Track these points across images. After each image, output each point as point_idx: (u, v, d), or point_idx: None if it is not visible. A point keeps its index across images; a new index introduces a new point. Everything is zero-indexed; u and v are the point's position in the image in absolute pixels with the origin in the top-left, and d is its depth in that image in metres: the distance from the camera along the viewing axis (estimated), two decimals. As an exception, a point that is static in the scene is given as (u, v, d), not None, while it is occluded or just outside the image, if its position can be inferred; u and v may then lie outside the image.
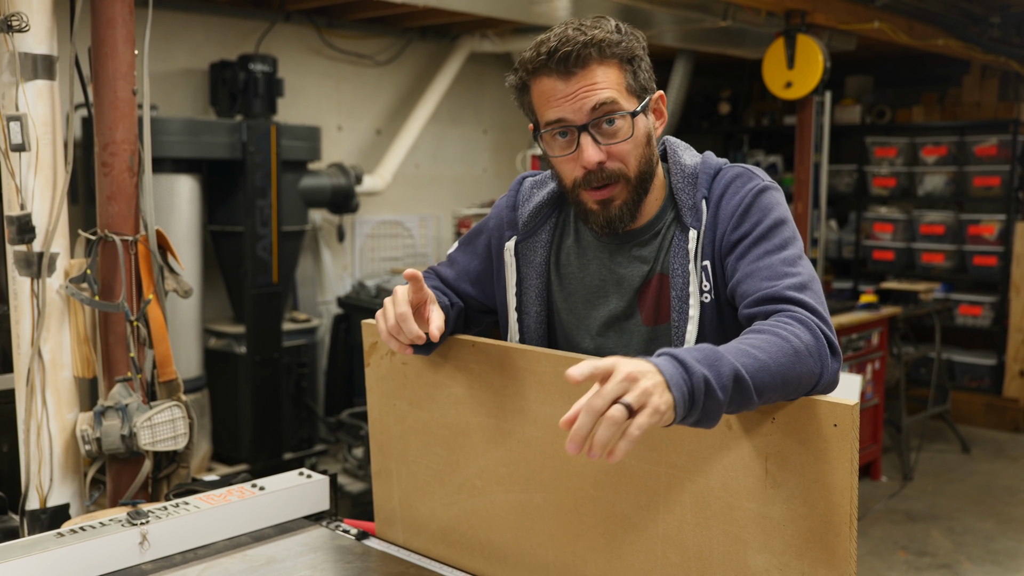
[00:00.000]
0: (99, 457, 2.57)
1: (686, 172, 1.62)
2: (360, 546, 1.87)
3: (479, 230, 1.84)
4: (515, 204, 1.76)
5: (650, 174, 1.60)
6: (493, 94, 6.82)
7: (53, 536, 1.70)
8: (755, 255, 1.50)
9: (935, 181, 7.10)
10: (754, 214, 1.53)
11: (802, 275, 1.46)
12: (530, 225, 1.73)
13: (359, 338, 5.45)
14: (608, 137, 1.54)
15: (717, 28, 5.26)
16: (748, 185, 1.56)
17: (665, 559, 1.44)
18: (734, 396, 1.23)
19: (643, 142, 1.57)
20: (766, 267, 1.48)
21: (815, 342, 1.35)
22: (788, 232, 1.53)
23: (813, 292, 1.44)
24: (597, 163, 1.53)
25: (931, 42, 5.85)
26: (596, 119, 1.52)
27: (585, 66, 1.51)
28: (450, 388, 1.72)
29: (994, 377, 6.83)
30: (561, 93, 1.52)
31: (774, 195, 1.56)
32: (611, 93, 1.52)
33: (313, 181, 5.13)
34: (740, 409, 1.26)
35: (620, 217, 1.58)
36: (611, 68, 1.53)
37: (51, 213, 2.47)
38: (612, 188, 1.56)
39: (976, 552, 4.51)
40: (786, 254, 1.49)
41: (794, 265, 1.48)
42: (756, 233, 1.52)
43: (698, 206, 1.58)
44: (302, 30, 5.61)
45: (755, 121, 8.16)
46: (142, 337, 2.58)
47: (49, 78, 2.45)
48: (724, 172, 1.61)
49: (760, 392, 1.25)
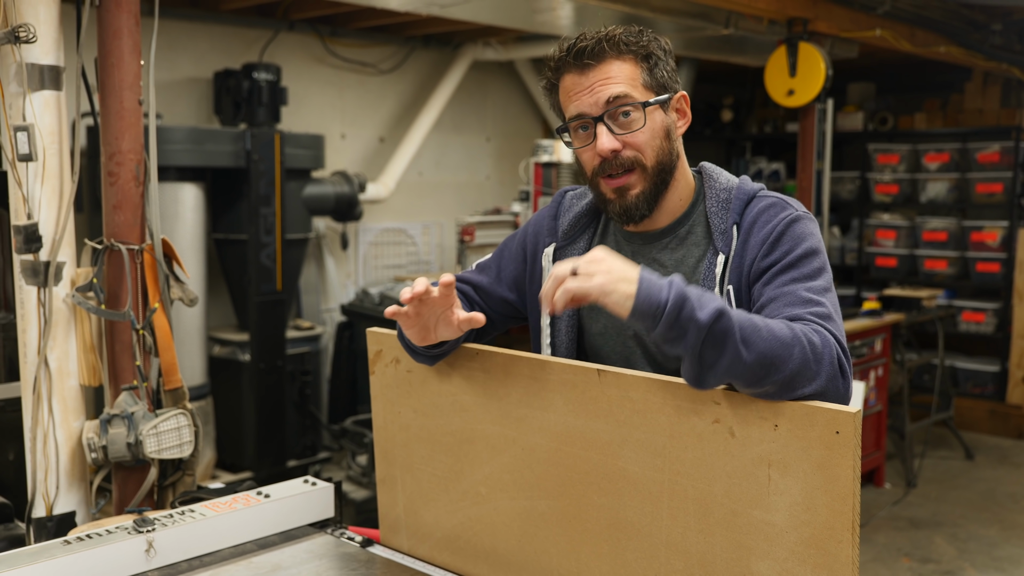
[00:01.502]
0: (105, 465, 2.58)
1: (721, 197, 1.65)
2: (365, 553, 1.87)
3: (515, 237, 1.88)
4: (557, 213, 1.81)
5: (669, 167, 1.64)
6: (496, 102, 6.84)
7: (60, 544, 1.71)
8: (781, 281, 1.52)
9: (937, 188, 7.10)
10: (785, 243, 1.55)
11: (826, 306, 1.48)
12: (570, 233, 1.77)
13: (363, 345, 5.48)
14: (623, 128, 1.60)
15: (719, 36, 5.27)
16: (782, 214, 1.59)
17: (668, 566, 1.45)
18: (715, 328, 1.30)
19: (660, 135, 1.62)
20: (790, 293, 1.50)
21: (823, 347, 1.37)
22: (818, 263, 1.55)
23: (835, 324, 1.46)
24: (611, 151, 1.60)
25: (933, 49, 5.86)
26: (610, 110, 1.59)
27: (601, 60, 1.59)
28: (455, 396, 1.73)
29: (997, 384, 6.83)
30: (579, 87, 1.61)
31: (808, 225, 1.59)
32: (625, 87, 1.59)
33: (317, 189, 5.15)
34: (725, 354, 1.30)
35: (636, 206, 1.63)
36: (626, 63, 1.60)
37: (58, 222, 2.48)
38: (628, 176, 1.62)
39: (980, 559, 4.50)
40: (813, 284, 1.51)
41: (819, 295, 1.50)
42: (785, 261, 1.54)
43: (729, 231, 1.61)
44: (306, 39, 5.64)
45: (757, 128, 8.18)
46: (148, 345, 2.60)
47: (56, 88, 2.46)
48: (758, 200, 1.63)
49: (747, 343, 1.31)
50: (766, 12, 4.89)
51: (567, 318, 1.74)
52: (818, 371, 1.35)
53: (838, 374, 1.38)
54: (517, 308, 1.84)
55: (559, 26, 5.07)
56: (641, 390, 1.44)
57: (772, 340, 1.33)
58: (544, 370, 1.58)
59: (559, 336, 1.74)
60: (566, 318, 1.74)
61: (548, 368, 1.57)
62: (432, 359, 1.72)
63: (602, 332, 1.72)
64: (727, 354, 1.31)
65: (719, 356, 1.31)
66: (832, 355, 1.38)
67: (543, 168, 5.53)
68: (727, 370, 1.32)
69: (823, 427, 1.27)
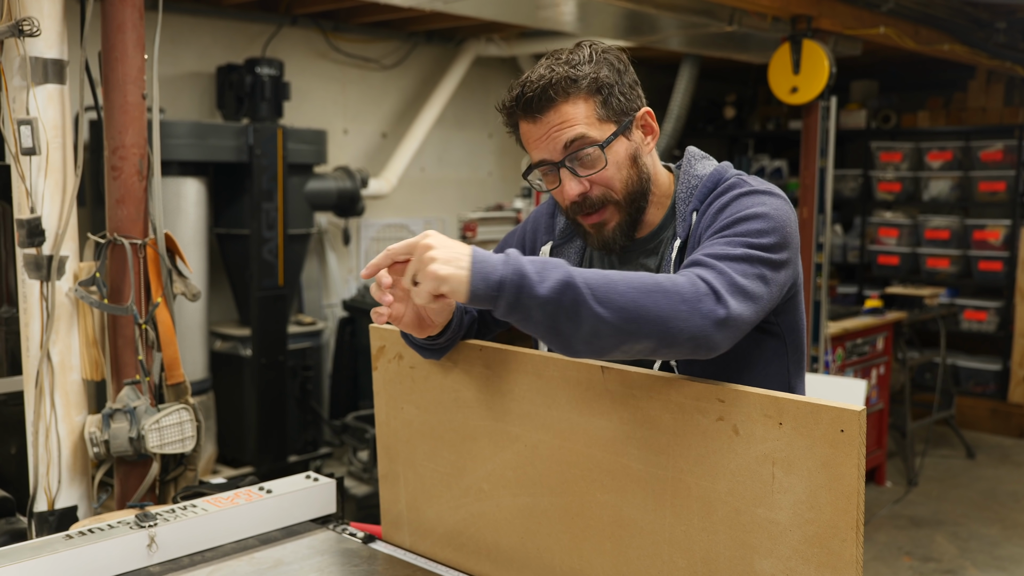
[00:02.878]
0: (107, 459, 2.58)
1: (690, 184, 1.63)
2: (367, 549, 1.87)
3: (513, 235, 1.87)
4: (554, 211, 1.80)
5: (641, 192, 1.62)
6: (498, 98, 6.80)
7: (62, 538, 1.71)
8: (708, 244, 1.47)
9: (940, 186, 7.10)
10: (728, 212, 1.51)
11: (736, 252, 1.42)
12: (567, 232, 1.76)
13: (364, 341, 5.48)
14: (587, 167, 1.58)
15: (723, 33, 5.26)
16: (735, 190, 1.55)
17: (671, 563, 1.45)
18: (562, 300, 1.27)
19: (626, 165, 1.60)
20: (707, 246, 1.46)
21: (690, 287, 1.33)
22: (759, 224, 1.46)
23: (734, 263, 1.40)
24: (579, 194, 1.58)
25: (937, 47, 5.85)
26: (571, 155, 1.57)
27: (549, 107, 1.56)
28: (457, 392, 1.73)
29: (999, 382, 6.82)
30: (535, 135, 1.59)
31: (760, 198, 1.51)
32: (580, 129, 1.55)
33: (319, 184, 5.15)
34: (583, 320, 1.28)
35: (614, 238, 1.62)
36: (578, 102, 1.56)
37: (61, 216, 2.48)
38: (602, 213, 1.61)
39: (981, 558, 4.50)
40: (739, 239, 1.44)
41: (737, 247, 1.43)
42: (719, 225, 1.50)
43: (688, 217, 1.60)
44: (308, 34, 5.63)
45: (760, 126, 8.17)
46: (150, 340, 2.60)
47: (59, 82, 2.46)
48: (725, 184, 1.59)
49: (603, 302, 1.28)
50: (770, 9, 4.87)
51: None
52: (692, 310, 1.31)
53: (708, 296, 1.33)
54: None
55: (562, 22, 5.06)
56: (645, 387, 1.44)
57: (631, 292, 1.30)
58: (547, 366, 1.57)
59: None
60: None
61: (551, 364, 1.57)
62: (438, 351, 1.71)
63: None
64: (584, 320, 1.28)
65: (577, 324, 1.28)
66: (696, 284, 1.33)
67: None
68: (593, 334, 1.29)
69: (828, 425, 1.27)
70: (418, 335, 1.63)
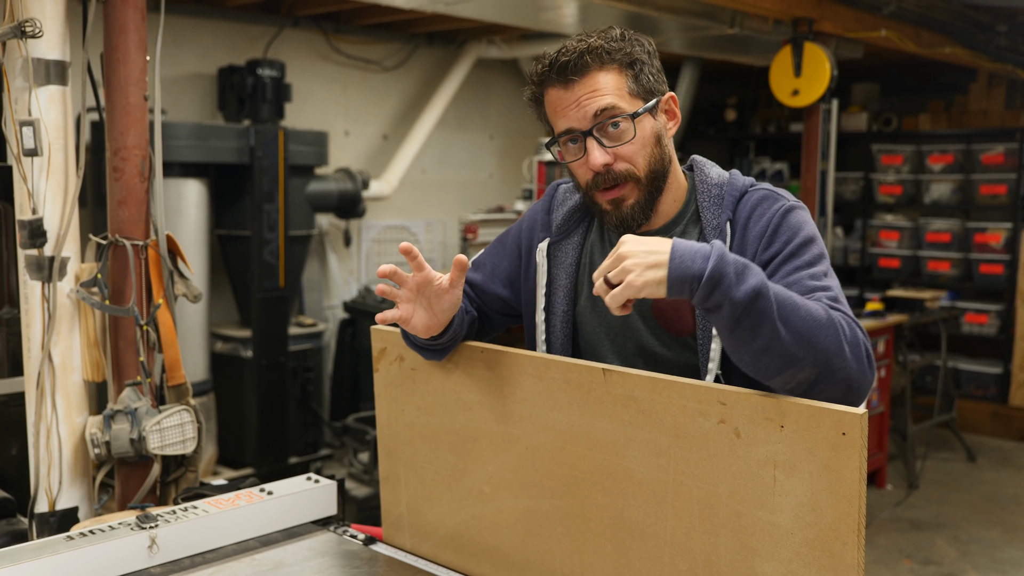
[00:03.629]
0: (108, 461, 2.58)
1: (712, 192, 1.65)
2: (367, 551, 1.87)
3: (508, 234, 1.87)
4: (550, 208, 1.80)
5: (662, 173, 1.64)
6: (499, 100, 6.84)
7: (63, 539, 1.71)
8: (785, 271, 1.53)
9: (941, 189, 7.10)
10: (783, 233, 1.56)
11: (833, 290, 1.50)
12: (564, 228, 1.76)
13: (365, 343, 5.49)
14: (613, 140, 1.59)
15: (724, 35, 5.27)
16: (775, 206, 1.59)
17: (672, 566, 1.45)
18: (751, 308, 1.31)
19: (651, 142, 1.61)
20: (797, 283, 1.51)
21: (852, 332, 1.39)
22: (817, 250, 1.56)
23: (845, 307, 1.48)
24: (603, 165, 1.59)
25: (938, 50, 5.85)
26: (599, 124, 1.58)
27: (584, 73, 1.58)
28: (459, 394, 1.73)
29: (1000, 386, 6.82)
30: (565, 102, 1.59)
31: (801, 214, 1.60)
32: (611, 99, 1.57)
33: (320, 186, 5.15)
34: (761, 333, 1.32)
35: (632, 216, 1.63)
36: (611, 73, 1.58)
37: (62, 217, 2.48)
38: (622, 188, 1.61)
39: (982, 561, 4.50)
40: (815, 270, 1.53)
41: (822, 280, 1.51)
42: (786, 252, 1.55)
43: (722, 227, 1.61)
44: (310, 35, 5.64)
45: (761, 128, 8.17)
46: (151, 341, 2.60)
47: (61, 83, 2.46)
48: (750, 194, 1.63)
49: (785, 321, 1.32)
50: (771, 12, 4.88)
51: (561, 315, 1.73)
52: (853, 356, 1.37)
53: (865, 360, 1.40)
54: (511, 305, 1.83)
55: (564, 24, 5.07)
56: (646, 390, 1.44)
57: (810, 319, 1.35)
58: (548, 369, 1.57)
59: (554, 333, 1.73)
60: (560, 315, 1.73)
61: (552, 367, 1.57)
62: (440, 352, 1.70)
63: (596, 330, 1.71)
64: (763, 332, 1.32)
65: (755, 334, 1.32)
66: (859, 340, 1.40)
67: (546, 166, 5.53)
68: (766, 348, 1.33)
69: (829, 428, 1.27)
70: (423, 335, 1.63)
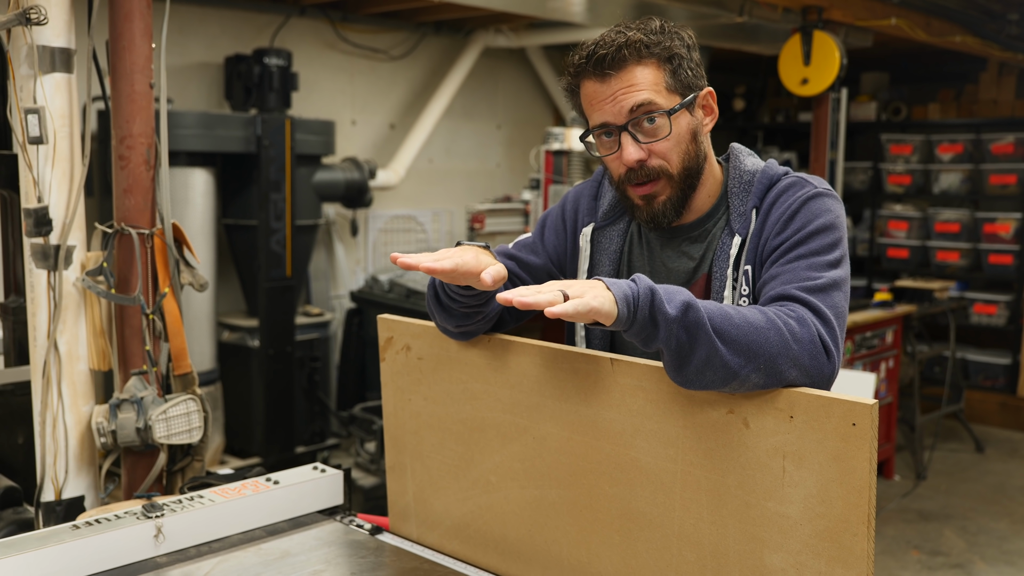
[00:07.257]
0: (114, 450, 2.58)
1: (743, 179, 1.63)
2: (374, 541, 1.87)
3: (550, 214, 1.82)
4: (598, 193, 1.78)
5: (696, 170, 1.62)
6: (507, 89, 6.81)
7: (69, 528, 1.71)
8: (788, 259, 1.51)
9: (951, 179, 7.06)
10: (798, 220, 1.53)
11: (822, 280, 1.45)
12: (610, 215, 1.75)
13: (372, 332, 5.48)
14: (648, 136, 1.57)
15: (733, 24, 5.23)
16: (799, 192, 1.56)
17: (680, 557, 1.44)
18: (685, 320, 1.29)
19: (686, 139, 1.60)
20: (791, 271, 1.48)
21: (801, 328, 1.36)
22: (831, 238, 1.51)
23: (826, 295, 1.44)
24: (637, 161, 1.57)
25: (948, 39, 5.81)
26: (635, 119, 1.56)
27: (621, 68, 1.55)
28: (466, 383, 1.72)
29: (1009, 376, 6.79)
30: (601, 95, 1.57)
31: (825, 202, 1.55)
32: (648, 94, 1.55)
33: (327, 175, 5.14)
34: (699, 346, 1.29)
35: (664, 212, 1.61)
36: (648, 68, 1.56)
37: (68, 206, 2.47)
38: (655, 184, 1.59)
39: (990, 552, 4.48)
40: (818, 259, 1.49)
41: (819, 270, 1.47)
42: (796, 238, 1.52)
43: (747, 214, 1.59)
44: (317, 24, 5.62)
45: (770, 117, 8.13)
46: (158, 330, 2.59)
47: (67, 71, 2.45)
48: (781, 182, 1.61)
49: (721, 334, 1.30)
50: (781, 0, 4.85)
51: None
52: (800, 352, 1.34)
53: (821, 353, 1.36)
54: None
55: (571, 13, 5.04)
56: (654, 379, 1.43)
57: (746, 327, 1.33)
58: (556, 358, 1.56)
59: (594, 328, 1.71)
60: None
61: (560, 356, 1.56)
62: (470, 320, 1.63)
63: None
64: (701, 346, 1.30)
65: (693, 349, 1.30)
66: (812, 334, 1.37)
67: (554, 156, 5.51)
68: (706, 362, 1.31)
69: (839, 419, 1.25)
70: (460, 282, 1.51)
